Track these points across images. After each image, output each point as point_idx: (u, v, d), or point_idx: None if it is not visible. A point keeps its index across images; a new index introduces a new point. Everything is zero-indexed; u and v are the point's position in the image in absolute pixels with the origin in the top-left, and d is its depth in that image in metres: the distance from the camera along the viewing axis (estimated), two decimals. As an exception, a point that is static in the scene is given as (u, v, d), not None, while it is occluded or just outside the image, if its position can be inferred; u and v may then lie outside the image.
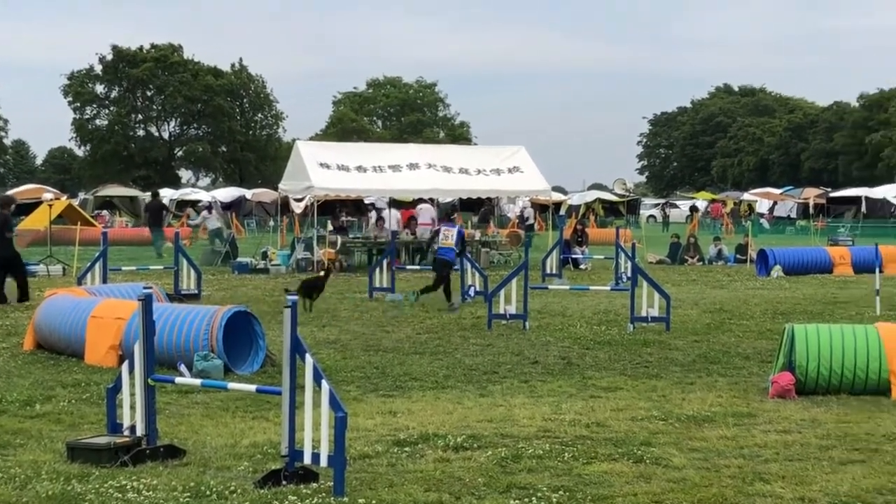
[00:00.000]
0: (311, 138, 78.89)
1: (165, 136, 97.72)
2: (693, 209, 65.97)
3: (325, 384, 7.36)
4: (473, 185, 30.92)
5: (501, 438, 9.18)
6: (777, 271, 27.39)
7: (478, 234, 32.45)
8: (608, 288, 21.13)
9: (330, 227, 31.40)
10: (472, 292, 20.68)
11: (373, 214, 36.75)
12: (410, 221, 32.12)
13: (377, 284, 21.80)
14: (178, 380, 9.87)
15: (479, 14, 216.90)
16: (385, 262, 22.18)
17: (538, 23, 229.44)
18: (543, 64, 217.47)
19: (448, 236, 20.35)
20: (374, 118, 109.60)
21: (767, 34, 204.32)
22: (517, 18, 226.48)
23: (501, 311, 16.85)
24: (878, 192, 62.94)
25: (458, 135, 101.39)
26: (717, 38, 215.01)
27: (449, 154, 32.79)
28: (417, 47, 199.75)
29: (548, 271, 26.31)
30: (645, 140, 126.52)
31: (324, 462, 7.39)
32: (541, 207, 44.17)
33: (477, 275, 21.16)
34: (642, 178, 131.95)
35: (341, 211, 35.35)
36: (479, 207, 43.45)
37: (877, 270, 19.94)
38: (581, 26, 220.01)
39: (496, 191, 32.37)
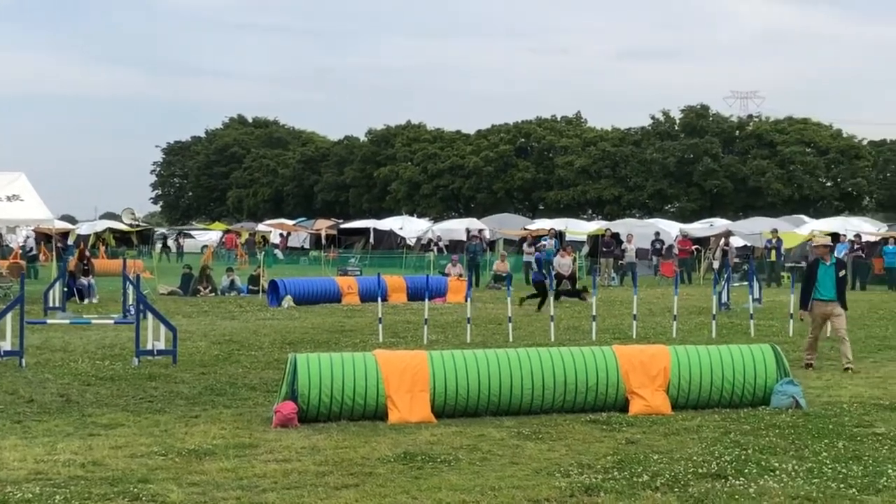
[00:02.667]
0: None
1: None
2: (163, 238, 68.75)
3: None
4: (-33, 214, 28.85)
5: (-13, 485, 8.53)
6: (288, 301, 27.82)
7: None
8: (112, 321, 20.44)
9: None
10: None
11: None
12: None
13: None
14: None
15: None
16: None
17: (46, 44, 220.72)
18: (49, 87, 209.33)
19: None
20: None
21: (279, 68, 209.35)
22: (23, 39, 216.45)
23: (-5, 348, 15.77)
24: (386, 223, 65.98)
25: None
26: (230, 69, 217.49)
27: (-62, 181, 30.37)
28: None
29: (50, 304, 25.05)
30: (159, 169, 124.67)
31: None
32: (45, 237, 42.18)
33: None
34: (157, 208, 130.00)
35: None
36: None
37: (379, 299, 20.78)
38: (91, 50, 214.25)
39: (-7, 220, 30.43)
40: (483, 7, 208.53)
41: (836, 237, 39.71)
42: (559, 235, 46.29)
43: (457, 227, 58.78)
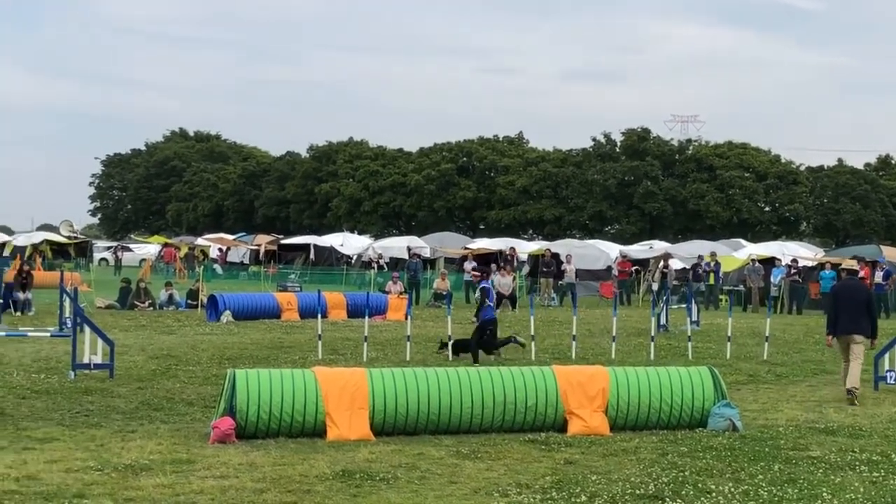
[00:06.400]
0: None
1: None
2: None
3: None
4: None
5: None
6: (227, 316, 27.61)
7: None
8: (49, 334, 20.17)
9: None
10: None
11: None
12: None
13: None
14: None
15: None
16: None
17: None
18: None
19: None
20: None
21: (221, 81, 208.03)
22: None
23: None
24: (326, 240, 65.76)
25: None
26: (172, 81, 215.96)
27: None
28: None
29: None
30: (98, 181, 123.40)
31: None
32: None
33: None
34: (95, 220, 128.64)
35: None
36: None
37: (319, 316, 20.71)
38: (27, 61, 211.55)
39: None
40: (428, 26, 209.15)
41: (772, 261, 40.23)
42: (511, 259, 45.72)
43: (397, 245, 58.72)
